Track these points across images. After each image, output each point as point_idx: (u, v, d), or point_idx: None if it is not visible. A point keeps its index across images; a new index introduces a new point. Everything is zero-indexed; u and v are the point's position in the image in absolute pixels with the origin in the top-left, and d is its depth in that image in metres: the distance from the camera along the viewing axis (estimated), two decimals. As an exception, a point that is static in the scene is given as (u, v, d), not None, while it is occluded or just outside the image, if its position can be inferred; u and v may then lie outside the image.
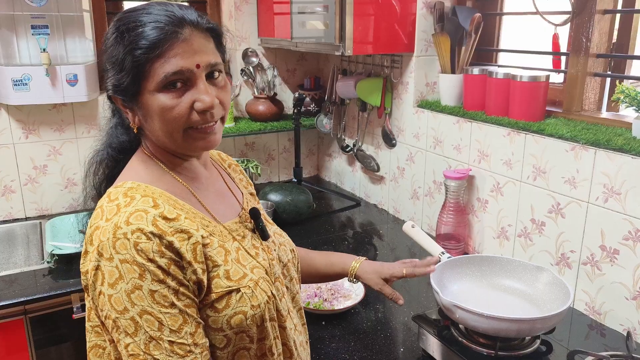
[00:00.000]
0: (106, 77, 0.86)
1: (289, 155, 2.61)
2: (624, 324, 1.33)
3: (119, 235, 0.78)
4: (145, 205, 0.81)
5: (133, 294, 0.77)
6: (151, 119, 0.85)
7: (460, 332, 1.23)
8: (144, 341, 0.78)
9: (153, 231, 0.79)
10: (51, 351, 1.65)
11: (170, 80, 0.82)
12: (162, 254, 0.79)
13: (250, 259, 0.91)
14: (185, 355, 0.79)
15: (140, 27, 0.82)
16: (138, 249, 0.77)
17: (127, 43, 0.81)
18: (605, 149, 1.32)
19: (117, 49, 0.83)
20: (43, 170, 2.09)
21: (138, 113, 0.87)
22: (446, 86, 1.84)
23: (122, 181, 0.88)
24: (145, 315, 0.78)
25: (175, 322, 0.79)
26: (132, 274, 0.77)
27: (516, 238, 1.61)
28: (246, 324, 0.86)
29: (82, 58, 1.99)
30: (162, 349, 0.78)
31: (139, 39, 0.81)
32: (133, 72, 0.82)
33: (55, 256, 1.70)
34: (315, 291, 1.52)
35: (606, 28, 1.50)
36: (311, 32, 1.96)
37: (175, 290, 0.79)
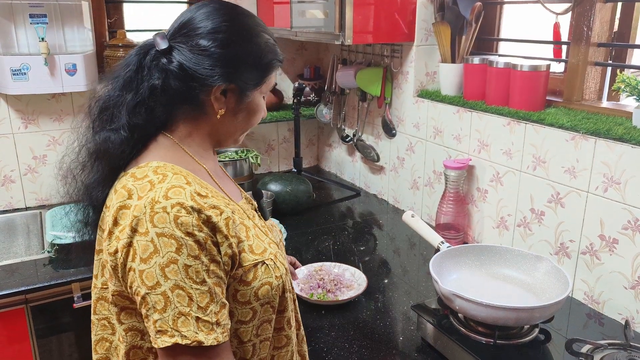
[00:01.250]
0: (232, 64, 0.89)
1: (288, 145, 2.61)
2: (623, 313, 1.33)
3: (157, 209, 0.79)
4: (180, 182, 0.83)
5: (167, 268, 0.78)
6: (248, 113, 0.95)
7: (459, 321, 1.24)
8: (172, 317, 0.78)
9: (193, 205, 0.80)
10: (52, 340, 1.66)
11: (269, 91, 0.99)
12: (201, 228, 0.80)
13: (264, 236, 0.96)
14: (208, 333, 0.80)
15: (269, 38, 0.95)
16: (178, 223, 0.78)
17: (270, 47, 0.94)
18: (605, 138, 1.32)
19: (260, 50, 0.92)
20: (43, 160, 2.09)
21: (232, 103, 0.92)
22: (446, 76, 1.83)
23: (146, 161, 0.88)
24: (177, 290, 0.78)
25: (204, 299, 0.79)
26: (169, 247, 0.78)
27: (515, 228, 1.61)
28: (272, 294, 0.90)
29: (80, 47, 1.98)
30: (189, 325, 0.78)
31: (277, 50, 0.96)
32: (266, 73, 0.94)
33: (56, 246, 1.70)
34: (319, 282, 1.51)
35: (607, 17, 1.49)
36: (311, 21, 1.95)
37: (207, 267, 0.80)
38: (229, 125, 0.94)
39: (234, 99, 0.91)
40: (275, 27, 2.20)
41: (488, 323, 1.17)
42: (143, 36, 2.27)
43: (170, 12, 2.41)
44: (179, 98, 0.89)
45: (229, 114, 0.92)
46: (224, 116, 0.92)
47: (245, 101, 0.93)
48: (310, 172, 2.55)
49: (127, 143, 0.89)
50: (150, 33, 0.93)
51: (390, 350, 1.27)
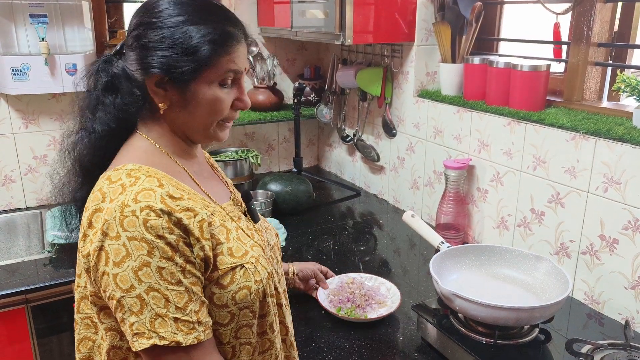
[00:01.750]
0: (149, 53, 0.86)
1: (289, 145, 2.61)
2: (623, 313, 1.33)
3: (126, 213, 0.78)
4: (152, 184, 0.83)
5: (141, 271, 0.78)
6: (195, 106, 0.88)
7: (459, 321, 1.24)
8: (149, 319, 0.78)
9: (162, 208, 0.80)
10: (52, 340, 1.66)
11: (228, 77, 0.89)
12: (171, 230, 0.80)
13: (248, 238, 0.95)
14: (189, 332, 0.80)
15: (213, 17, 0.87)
16: (147, 226, 0.78)
17: (203, 31, 0.86)
18: (605, 138, 1.32)
19: (185, 32, 0.85)
20: (43, 160, 2.09)
21: (174, 97, 0.88)
22: (446, 76, 1.83)
23: (122, 163, 0.88)
24: (152, 292, 0.78)
25: (181, 300, 0.80)
26: (141, 250, 0.78)
27: (516, 228, 1.61)
28: (250, 298, 0.88)
29: (81, 47, 1.99)
30: (167, 326, 0.79)
31: (216, 32, 0.87)
32: (201, 60, 0.86)
33: (56, 245, 1.70)
34: (349, 296, 1.43)
35: (607, 17, 1.49)
36: (311, 21, 1.95)
37: (182, 268, 0.80)
38: (186, 120, 0.90)
39: (175, 92, 0.88)
40: (276, 27, 2.20)
41: (488, 323, 1.17)
42: (143, 36, 2.27)
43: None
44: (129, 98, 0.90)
45: (177, 107, 0.89)
46: (174, 111, 0.89)
47: (187, 94, 0.88)
48: (311, 172, 2.55)
49: (96, 143, 0.91)
50: None
51: (391, 350, 1.27)
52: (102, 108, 0.91)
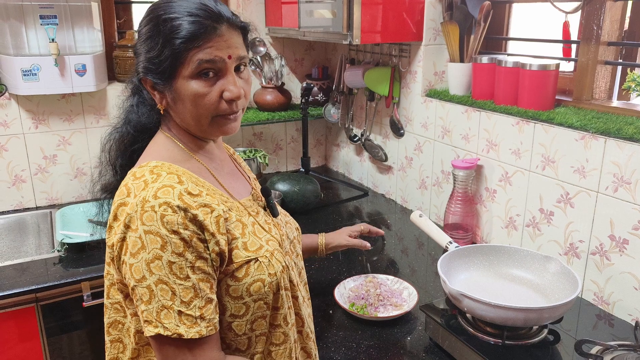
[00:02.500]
0: (138, 60, 0.93)
1: (296, 145, 2.61)
2: (633, 314, 1.32)
3: (146, 208, 0.83)
4: (172, 181, 0.87)
5: (152, 264, 0.82)
6: (182, 103, 0.91)
7: (467, 321, 1.23)
8: (156, 309, 0.83)
9: (179, 205, 0.84)
10: (62, 339, 1.68)
11: (204, 68, 0.88)
12: (186, 226, 0.83)
13: (264, 233, 0.98)
14: (191, 326, 0.84)
15: (177, 18, 0.87)
16: (164, 221, 0.82)
17: (166, 32, 0.87)
18: (615, 138, 1.31)
19: (154, 36, 0.89)
20: (53, 160, 2.11)
21: (167, 96, 0.92)
22: (455, 75, 1.83)
23: (146, 161, 0.93)
24: (160, 285, 0.82)
25: (187, 294, 0.83)
26: (155, 244, 0.82)
27: (524, 228, 1.60)
28: (264, 291, 0.91)
29: (90, 48, 2.00)
30: (171, 318, 0.83)
31: (178, 30, 0.87)
32: (171, 59, 0.87)
33: (66, 245, 1.71)
34: (363, 294, 1.44)
35: (617, 15, 1.48)
36: (319, 21, 1.95)
37: (192, 264, 0.84)
38: (181, 117, 0.94)
39: (165, 90, 0.92)
40: (284, 26, 2.21)
41: (496, 323, 1.17)
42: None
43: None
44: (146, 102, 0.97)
45: (171, 106, 0.93)
46: (171, 110, 0.94)
47: (172, 90, 0.90)
48: (318, 171, 2.55)
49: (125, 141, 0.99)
50: None
51: (398, 350, 1.27)
52: (131, 110, 0.99)
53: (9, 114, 2.00)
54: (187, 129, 0.96)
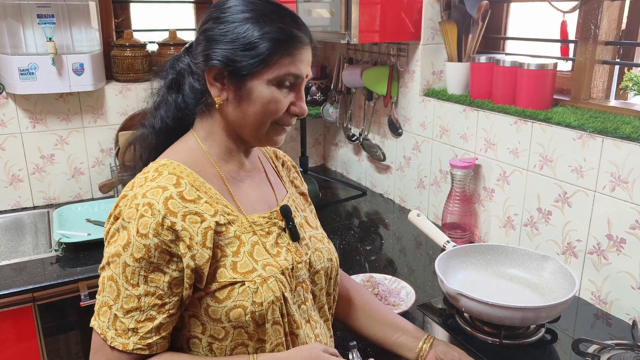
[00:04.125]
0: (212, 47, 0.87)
1: (295, 144, 2.61)
2: (630, 314, 1.32)
3: (132, 205, 0.83)
4: (168, 182, 0.85)
5: (112, 259, 0.83)
6: (249, 103, 0.87)
7: (465, 320, 1.23)
8: (99, 302, 0.84)
9: (160, 209, 0.82)
10: (59, 339, 1.67)
11: (287, 80, 0.88)
12: (157, 233, 0.81)
13: (265, 256, 0.89)
14: (120, 335, 0.82)
15: (280, 19, 0.87)
16: (139, 222, 0.81)
17: (266, 29, 0.85)
18: (613, 137, 1.31)
19: (248, 28, 0.85)
20: (50, 160, 2.11)
21: (231, 91, 0.88)
22: (453, 74, 1.83)
23: (162, 158, 0.92)
24: (110, 282, 0.83)
25: (129, 302, 0.82)
26: (122, 241, 0.82)
27: (522, 227, 1.60)
28: (244, 319, 0.85)
29: (88, 47, 2.00)
30: (106, 318, 0.83)
31: (280, 31, 0.86)
32: (260, 58, 0.85)
33: (63, 244, 1.71)
34: None
35: (615, 15, 1.48)
36: (317, 20, 1.95)
37: (146, 275, 0.82)
38: (239, 117, 0.89)
39: (232, 86, 0.87)
40: (281, 26, 2.20)
41: (494, 323, 1.17)
42: (150, 36, 2.28)
43: (176, 11, 2.42)
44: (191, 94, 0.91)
45: (232, 103, 0.88)
46: (227, 107, 0.89)
47: (243, 88, 0.87)
48: (317, 171, 2.55)
49: (153, 139, 0.96)
50: (156, 33, 0.97)
51: (396, 349, 1.27)
52: (165, 106, 0.94)
53: (6, 113, 2.00)
54: (234, 130, 0.92)
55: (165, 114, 0.94)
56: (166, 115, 0.94)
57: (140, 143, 0.98)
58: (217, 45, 0.86)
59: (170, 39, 2.19)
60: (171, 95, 0.93)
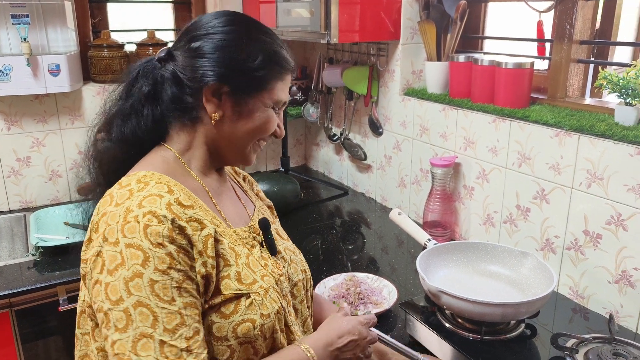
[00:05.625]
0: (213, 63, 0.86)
1: (276, 145, 2.60)
2: (607, 307, 1.35)
3: (129, 219, 0.74)
4: (160, 190, 0.79)
5: (132, 282, 0.72)
6: (248, 122, 0.89)
7: (446, 317, 1.24)
8: (132, 338, 0.71)
9: (166, 215, 0.75)
10: (38, 345, 1.64)
11: (281, 103, 0.92)
12: (173, 239, 0.75)
13: (259, 267, 0.88)
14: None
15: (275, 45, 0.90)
16: (147, 232, 0.73)
17: (273, 57, 0.89)
18: (588, 134, 1.33)
19: (257, 53, 0.87)
20: (26, 162, 2.07)
21: (228, 108, 0.87)
22: (432, 74, 1.84)
23: (135, 171, 0.86)
24: (139, 308, 0.71)
25: (172, 321, 0.72)
26: (135, 259, 0.72)
27: (502, 224, 1.62)
28: (253, 334, 0.81)
29: (64, 48, 1.96)
30: (150, 349, 0.70)
31: (279, 56, 0.90)
32: (261, 80, 0.88)
33: (40, 248, 1.68)
34: (343, 293, 1.42)
35: (589, 14, 1.51)
36: (297, 20, 1.95)
37: (179, 285, 0.74)
38: (229, 135, 0.89)
39: (230, 103, 0.87)
40: (261, 26, 2.19)
41: (475, 319, 1.18)
42: (128, 36, 2.25)
43: (154, 11, 2.40)
44: (174, 105, 0.88)
45: (226, 121, 0.88)
46: (221, 123, 0.88)
47: (242, 107, 0.87)
48: (298, 171, 2.55)
49: (120, 152, 0.90)
50: (134, 33, 0.95)
51: (379, 348, 1.27)
52: (136, 116, 0.89)
53: (-20, 115, 1.95)
54: (221, 146, 0.90)
55: (138, 124, 0.89)
56: (138, 127, 0.88)
57: (105, 158, 0.92)
58: (219, 62, 0.86)
59: (148, 39, 2.17)
60: (146, 106, 0.89)
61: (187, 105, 0.87)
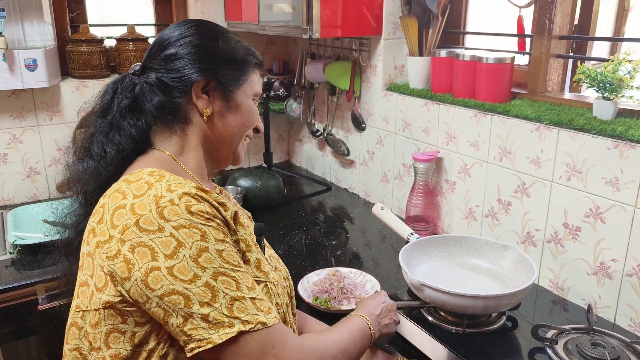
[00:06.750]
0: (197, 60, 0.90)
1: (258, 140, 2.59)
2: (586, 299, 1.37)
3: (163, 204, 0.75)
4: (178, 180, 0.81)
5: (200, 258, 0.74)
6: (236, 114, 0.93)
7: (429, 311, 1.25)
8: (225, 305, 0.73)
9: (201, 195, 0.78)
10: (18, 344, 1.62)
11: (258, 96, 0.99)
12: (215, 215, 0.79)
13: (266, 263, 0.91)
14: (268, 312, 0.77)
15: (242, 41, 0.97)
16: (192, 211, 0.75)
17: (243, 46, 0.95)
18: (567, 128, 1.35)
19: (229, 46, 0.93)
20: (3, 159, 2.02)
21: (218, 103, 0.91)
22: (414, 69, 1.85)
23: (140, 169, 0.85)
24: (220, 277, 0.74)
25: (248, 280, 0.77)
26: (194, 237, 0.74)
27: (484, 218, 1.64)
28: None
29: (41, 42, 1.92)
30: (246, 309, 0.74)
31: (251, 49, 0.97)
32: (243, 72, 0.94)
33: (18, 247, 1.65)
34: (327, 287, 1.43)
35: (568, 10, 1.53)
36: (278, 15, 1.94)
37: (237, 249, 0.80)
38: (221, 131, 0.92)
39: (219, 97, 0.91)
40: (243, 21, 2.18)
41: (457, 312, 1.19)
42: (106, 31, 2.22)
43: (134, 6, 2.36)
44: (162, 111, 0.89)
45: (217, 115, 0.91)
46: (213, 119, 0.91)
47: (229, 100, 0.91)
48: (281, 167, 2.54)
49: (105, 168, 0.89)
50: (114, 28, 0.97)
51: (362, 342, 1.28)
52: (117, 130, 0.89)
53: (-46, 111, 1.91)
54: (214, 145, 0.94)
55: (121, 138, 0.89)
56: (122, 140, 0.89)
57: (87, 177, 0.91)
58: (199, 59, 0.89)
59: (128, 34, 2.13)
60: (127, 118, 0.90)
61: (177, 108, 0.89)
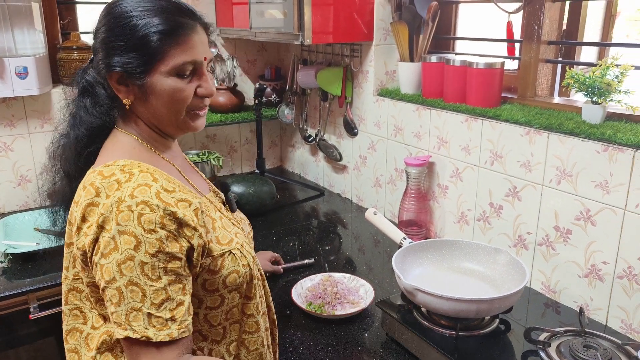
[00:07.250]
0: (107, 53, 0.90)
1: (251, 146, 2.59)
2: (577, 301, 1.38)
3: (122, 208, 0.82)
4: (146, 179, 0.86)
5: (124, 265, 0.81)
6: (157, 97, 0.90)
7: (422, 315, 1.26)
8: (125, 311, 0.82)
9: (158, 204, 0.84)
10: (9, 354, 1.60)
11: (186, 68, 0.90)
12: (163, 225, 0.83)
13: (231, 226, 1.01)
14: (161, 329, 0.83)
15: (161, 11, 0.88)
16: (141, 220, 0.82)
17: (150, 24, 0.87)
18: (557, 132, 1.36)
19: (134, 27, 0.87)
20: (-6, 168, 2.01)
21: (136, 90, 0.90)
22: (405, 74, 1.86)
23: (112, 159, 0.91)
24: (130, 286, 0.82)
25: (157, 297, 0.83)
26: (128, 245, 0.82)
27: (475, 222, 1.65)
28: (239, 281, 0.95)
29: (32, 50, 1.92)
30: (140, 320, 0.82)
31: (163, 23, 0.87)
32: (148, 54, 0.87)
33: (9, 255, 1.64)
34: (320, 293, 1.44)
35: (556, 15, 1.55)
36: (270, 21, 1.94)
37: (165, 266, 0.83)
38: (152, 112, 0.93)
39: (133, 86, 0.91)
40: (235, 27, 2.19)
41: (450, 316, 1.19)
42: (98, 38, 2.21)
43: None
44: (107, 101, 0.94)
45: (141, 101, 0.92)
46: (140, 105, 0.93)
47: (144, 87, 0.90)
48: (274, 173, 2.54)
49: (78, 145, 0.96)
50: None
51: (356, 347, 1.28)
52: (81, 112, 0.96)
53: (-56, 119, 1.90)
54: (156, 124, 0.95)
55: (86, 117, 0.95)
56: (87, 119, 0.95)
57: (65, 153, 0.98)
58: (110, 51, 0.90)
59: (119, 41, 2.13)
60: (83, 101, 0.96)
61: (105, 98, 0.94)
